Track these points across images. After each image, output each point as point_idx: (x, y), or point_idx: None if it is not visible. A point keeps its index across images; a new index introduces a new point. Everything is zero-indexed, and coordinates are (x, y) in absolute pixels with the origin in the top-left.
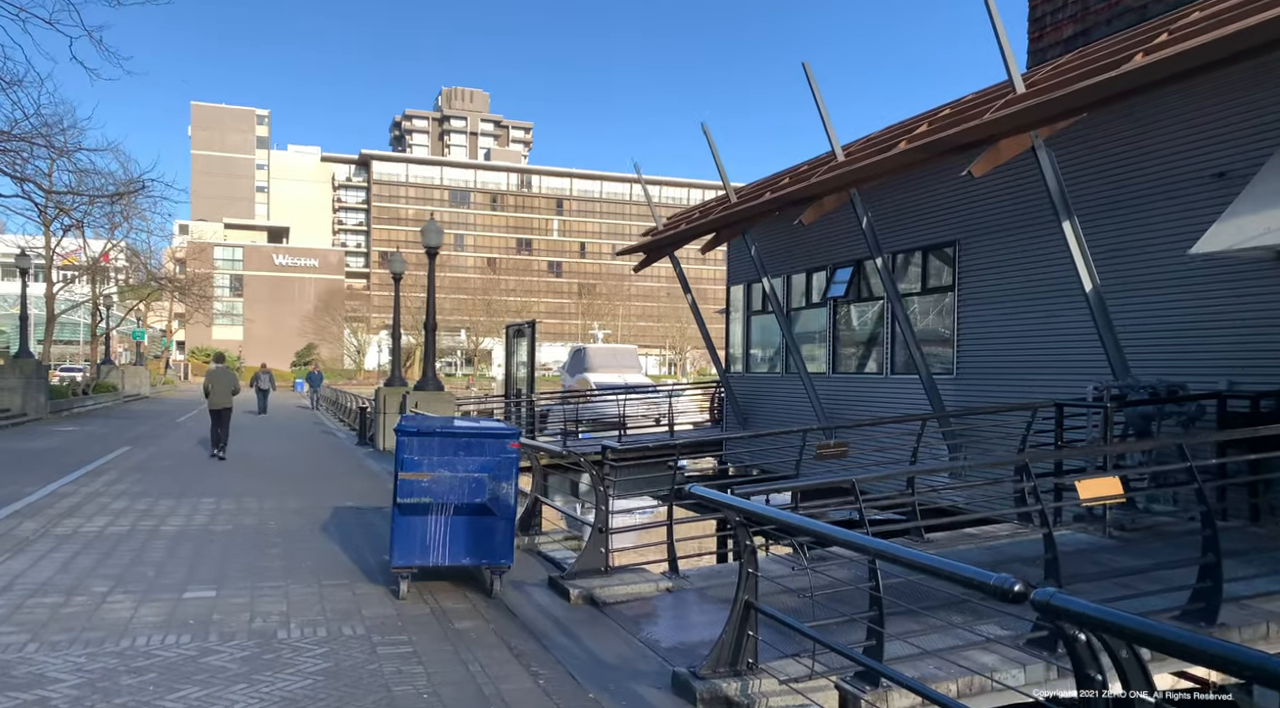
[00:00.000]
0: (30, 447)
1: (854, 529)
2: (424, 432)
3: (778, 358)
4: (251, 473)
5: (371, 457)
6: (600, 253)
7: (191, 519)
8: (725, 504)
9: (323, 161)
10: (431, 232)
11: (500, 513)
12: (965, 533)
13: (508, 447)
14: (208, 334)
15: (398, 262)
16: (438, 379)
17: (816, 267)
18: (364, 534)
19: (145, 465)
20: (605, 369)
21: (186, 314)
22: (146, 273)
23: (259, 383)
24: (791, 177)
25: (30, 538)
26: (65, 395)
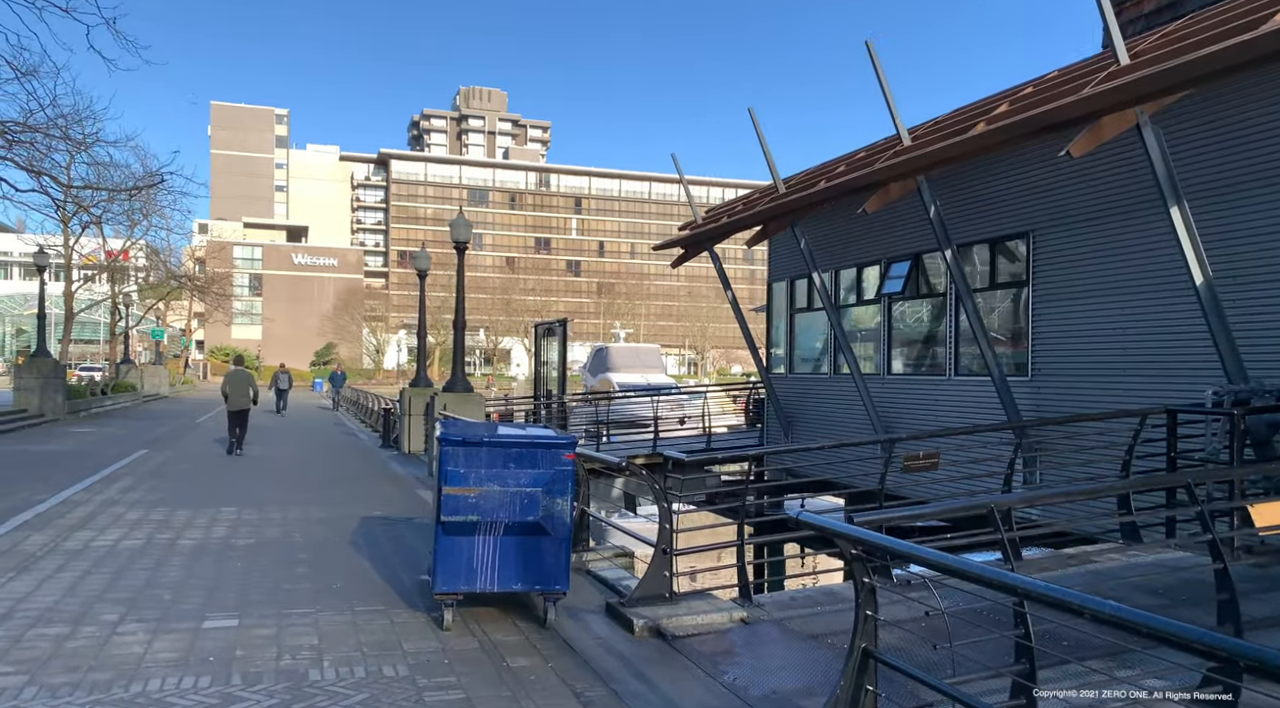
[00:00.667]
0: (45, 449)
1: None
2: (470, 441)
3: (824, 358)
4: (274, 478)
5: (396, 460)
6: (619, 252)
7: (211, 531)
8: (848, 536)
9: (341, 161)
10: (460, 226)
11: (555, 532)
12: (1062, 554)
13: (562, 458)
14: (227, 333)
15: (422, 258)
16: (466, 380)
17: (868, 261)
18: (395, 549)
19: (163, 470)
20: (628, 369)
21: (206, 313)
22: (166, 271)
23: (278, 383)
24: (848, 164)
25: (37, 554)
26: (83, 395)
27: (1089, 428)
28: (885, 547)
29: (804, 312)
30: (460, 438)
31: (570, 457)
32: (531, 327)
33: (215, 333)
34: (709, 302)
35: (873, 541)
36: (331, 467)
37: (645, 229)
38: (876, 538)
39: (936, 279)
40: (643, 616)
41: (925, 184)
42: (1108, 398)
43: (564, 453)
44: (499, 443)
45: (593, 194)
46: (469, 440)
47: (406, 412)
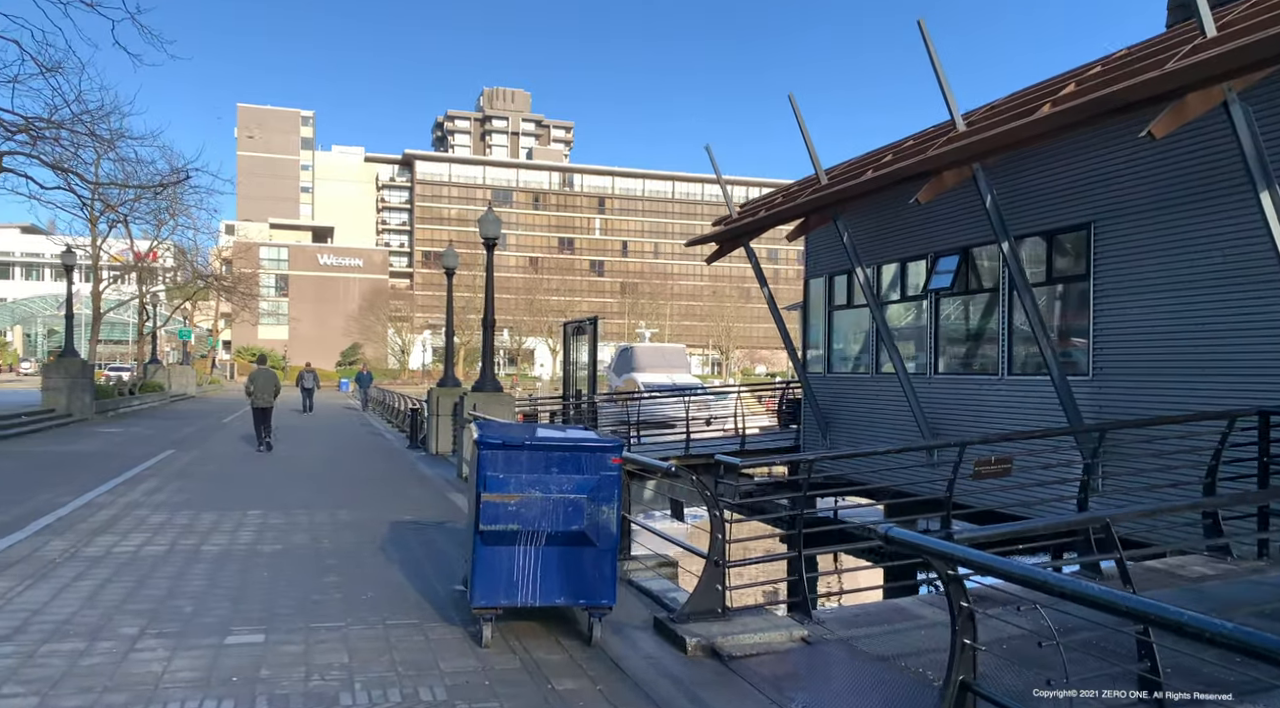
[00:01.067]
0: (72, 450)
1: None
2: (510, 444)
3: (864, 357)
4: (301, 480)
5: (425, 461)
6: (642, 251)
7: (236, 536)
8: (950, 555)
9: (366, 162)
10: (489, 222)
11: (600, 543)
12: (1145, 566)
13: (608, 462)
14: (254, 334)
15: (451, 256)
16: (496, 380)
17: (913, 256)
18: (427, 556)
19: (188, 471)
20: (653, 369)
21: (233, 313)
22: (193, 271)
23: (303, 382)
24: (895, 153)
25: (57, 560)
26: (111, 395)
27: (1163, 432)
28: (998, 569)
29: (843, 309)
30: (500, 441)
31: (616, 461)
32: (555, 327)
33: (242, 333)
34: (733, 301)
35: (982, 562)
36: (359, 468)
37: (669, 229)
38: (989, 560)
39: (987, 274)
40: (695, 633)
41: (981, 173)
42: (1183, 399)
43: (610, 457)
44: (541, 446)
45: (616, 193)
46: (509, 443)
47: (434, 412)
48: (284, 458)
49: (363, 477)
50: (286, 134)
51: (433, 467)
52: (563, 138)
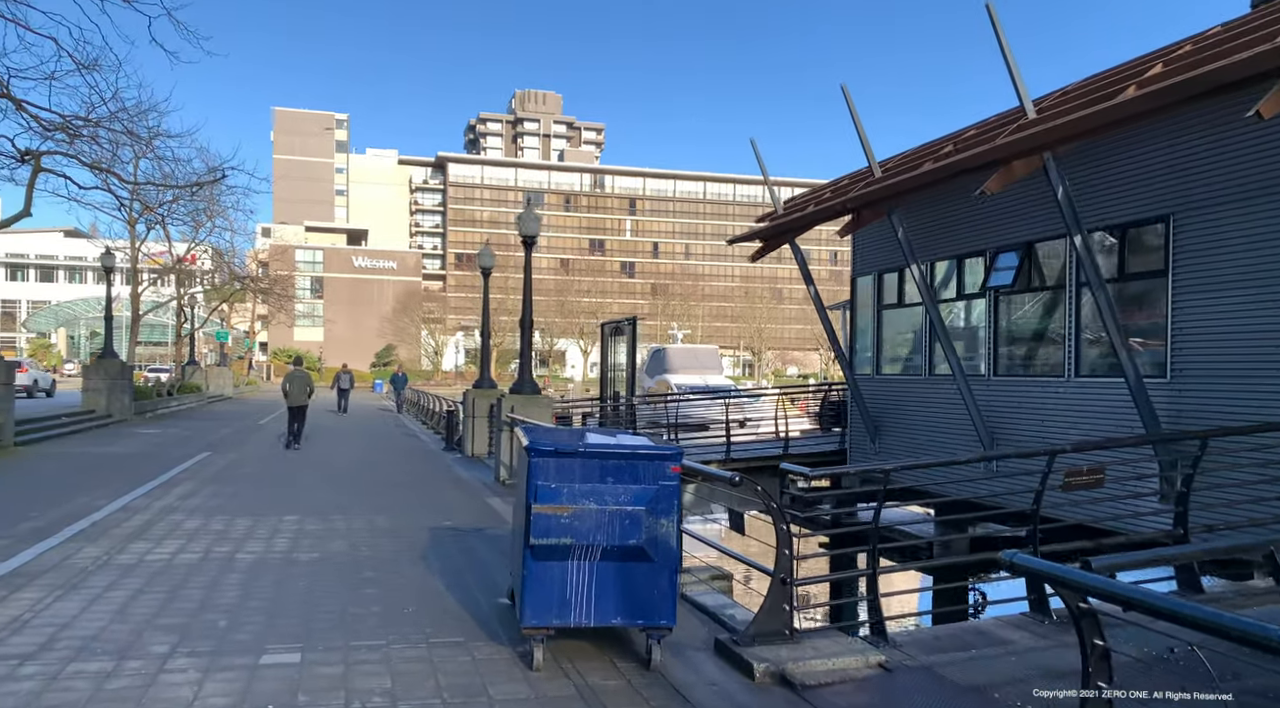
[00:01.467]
0: (110, 451)
1: None
2: (563, 451)
3: (917, 358)
4: (337, 483)
5: (460, 464)
6: (673, 252)
7: (272, 544)
8: (1085, 586)
9: (400, 165)
10: (528, 220)
11: (659, 558)
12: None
13: (667, 471)
14: (290, 335)
15: (486, 255)
16: (534, 382)
17: (969, 252)
18: (469, 565)
19: (224, 474)
20: (686, 370)
21: (269, 315)
22: (230, 273)
23: (339, 383)
24: (956, 143)
25: (89, 568)
26: (150, 396)
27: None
28: (1159, 608)
29: (893, 308)
30: (552, 448)
31: (676, 470)
32: (587, 328)
33: (278, 334)
34: (765, 302)
35: (1132, 597)
36: (395, 471)
37: (700, 229)
38: (1142, 596)
39: (1052, 270)
40: (763, 658)
41: (1052, 162)
42: (1269, 402)
43: (669, 466)
44: (596, 454)
45: (647, 195)
46: (562, 450)
47: (470, 414)
48: (320, 461)
49: (400, 480)
50: (321, 137)
51: (469, 469)
52: (594, 139)
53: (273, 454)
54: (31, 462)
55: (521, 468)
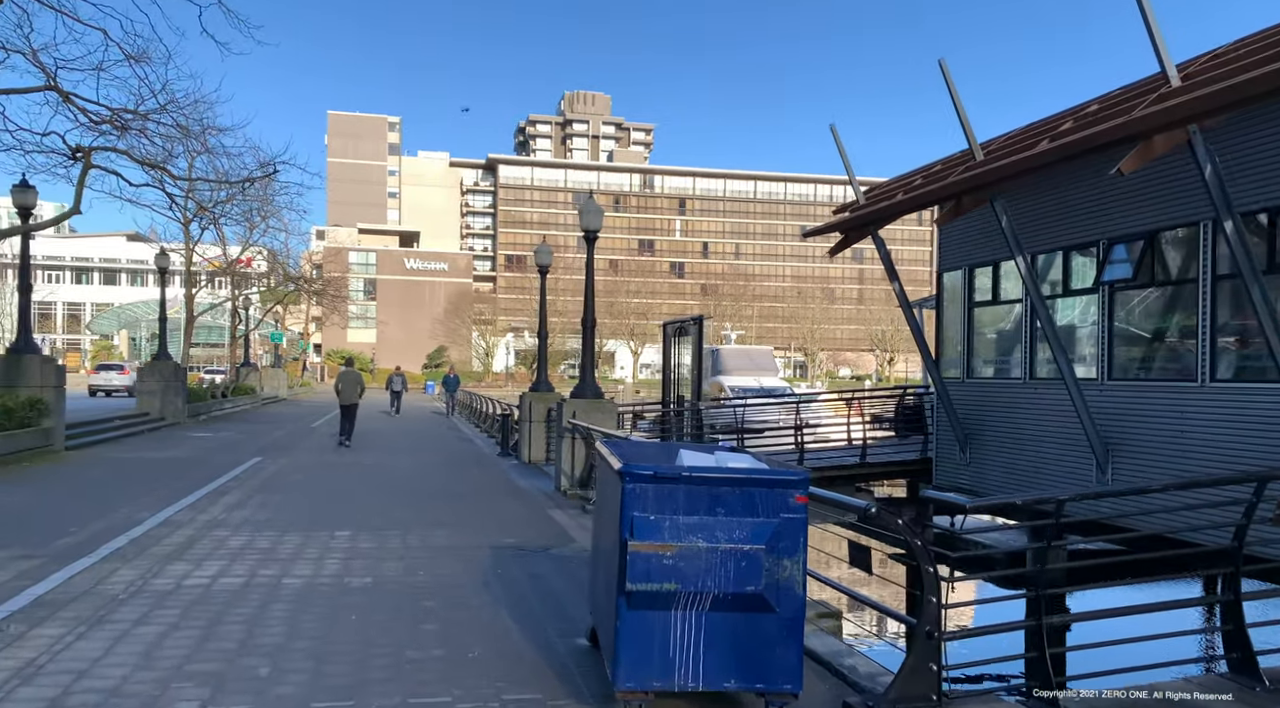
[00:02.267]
0: (160, 456)
1: None
2: (664, 476)
3: (1014, 360)
4: (391, 493)
5: (518, 471)
6: (723, 252)
7: (322, 566)
8: None
9: (451, 167)
10: (590, 212)
11: (782, 608)
12: None
13: (791, 500)
14: (343, 337)
15: (544, 252)
16: (597, 385)
17: (1079, 243)
18: (537, 594)
19: (274, 482)
20: (740, 372)
21: (323, 317)
22: (284, 274)
23: (392, 385)
24: (1076, 119)
25: (121, 596)
26: (204, 398)
27: None
28: None
29: (986, 305)
30: (651, 471)
31: (802, 500)
32: (637, 329)
33: (332, 336)
34: (817, 303)
35: None
36: (450, 479)
37: (750, 229)
38: None
39: (1181, 261)
40: None
41: (1199, 137)
42: None
43: (793, 494)
44: (704, 479)
45: (696, 194)
46: (663, 475)
47: (527, 418)
48: (373, 466)
49: (455, 489)
50: (375, 140)
51: (527, 477)
52: (642, 140)
53: (325, 460)
54: (80, 468)
55: (610, 493)
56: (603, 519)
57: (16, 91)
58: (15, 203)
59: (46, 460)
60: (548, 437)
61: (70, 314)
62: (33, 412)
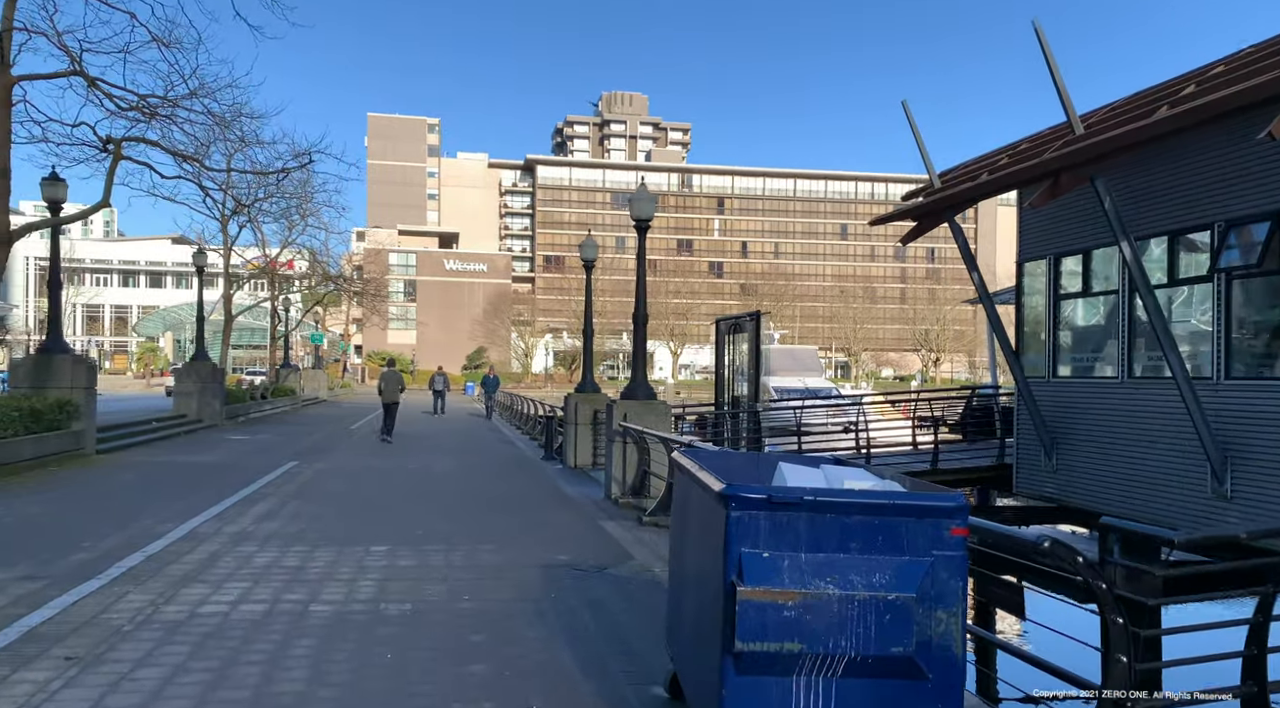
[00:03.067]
0: (193, 461)
1: None
2: (782, 501)
3: (1110, 357)
4: (432, 502)
5: (564, 477)
6: (762, 252)
7: (355, 588)
8: None
9: (490, 168)
10: (642, 201)
11: (936, 675)
12: None
13: (945, 534)
14: (383, 338)
15: (590, 247)
16: (649, 386)
17: (1189, 227)
18: (599, 625)
19: (309, 490)
20: (785, 372)
21: (364, 318)
22: (323, 274)
23: (434, 385)
24: (1199, 83)
25: (125, 628)
26: (242, 400)
27: None
28: None
29: (1076, 297)
30: (764, 495)
31: (959, 531)
32: (677, 329)
33: (372, 337)
34: (860, 302)
35: None
36: (494, 485)
37: (789, 227)
38: None
39: None
40: None
41: None
42: None
43: (947, 525)
44: (834, 505)
45: (735, 193)
46: (780, 500)
47: (573, 421)
48: (414, 471)
49: (500, 497)
50: (414, 142)
51: (574, 484)
52: (680, 140)
53: (363, 464)
54: (108, 473)
55: (702, 519)
56: (688, 549)
57: (41, 77)
58: (45, 197)
59: (75, 464)
60: (594, 440)
61: (117, 317)
62: (62, 414)
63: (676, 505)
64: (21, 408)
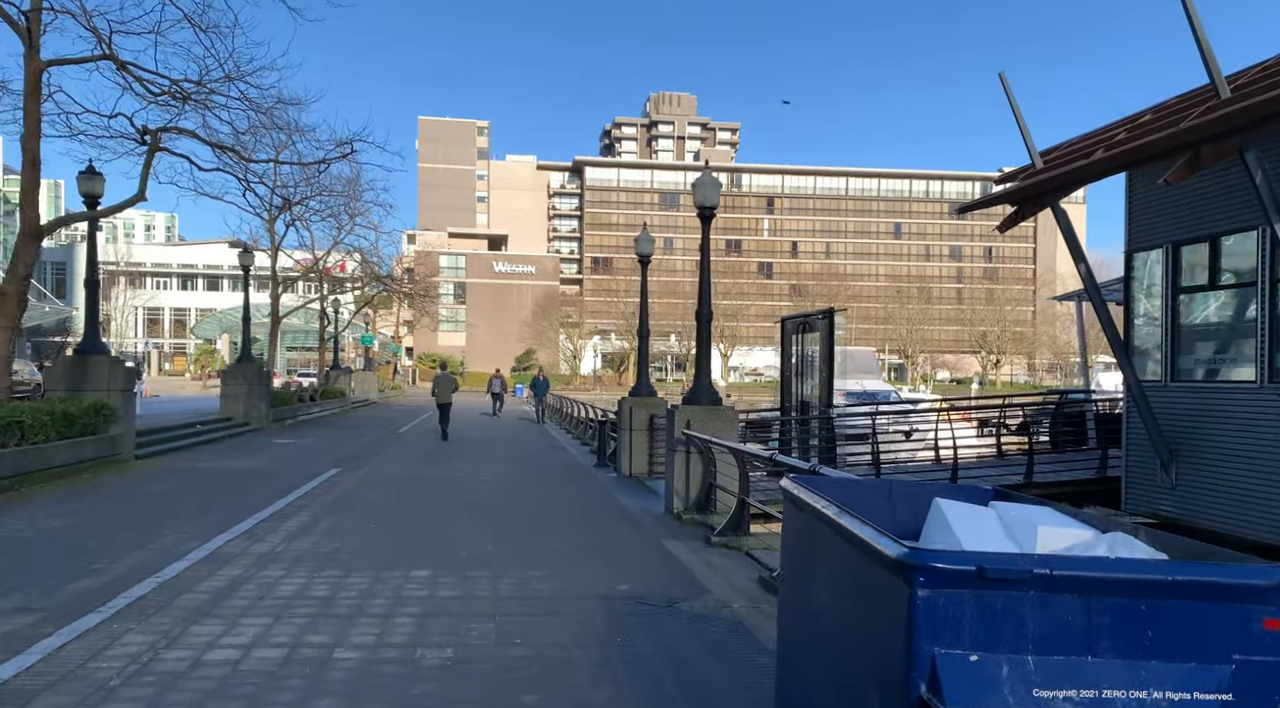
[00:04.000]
0: (232, 467)
1: None
2: (997, 576)
3: (1244, 357)
4: (479, 515)
5: (619, 487)
6: (813, 252)
7: (389, 628)
8: None
9: (538, 170)
10: (706, 186)
11: None
12: None
13: (1256, 626)
14: (433, 340)
15: (645, 240)
16: (714, 389)
17: None
18: (681, 688)
19: (349, 500)
20: (842, 374)
21: (414, 320)
22: (372, 274)
23: (492, 387)
24: None
25: (113, 682)
26: (290, 402)
27: None
28: None
29: (1198, 290)
30: (971, 567)
31: (1275, 624)
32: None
33: (422, 339)
34: (915, 303)
35: None
36: (546, 497)
37: (841, 227)
38: None
39: None
40: None
41: None
42: None
43: (1259, 614)
44: (1077, 583)
45: (785, 192)
46: (995, 573)
47: (627, 426)
48: (461, 480)
49: (552, 511)
50: (464, 145)
51: (631, 495)
52: (728, 140)
53: (409, 472)
54: (142, 481)
55: (857, 589)
56: (820, 621)
57: (70, 61)
58: (82, 191)
59: (110, 471)
60: (650, 447)
61: (176, 319)
62: (98, 418)
63: (793, 552)
64: (54, 412)
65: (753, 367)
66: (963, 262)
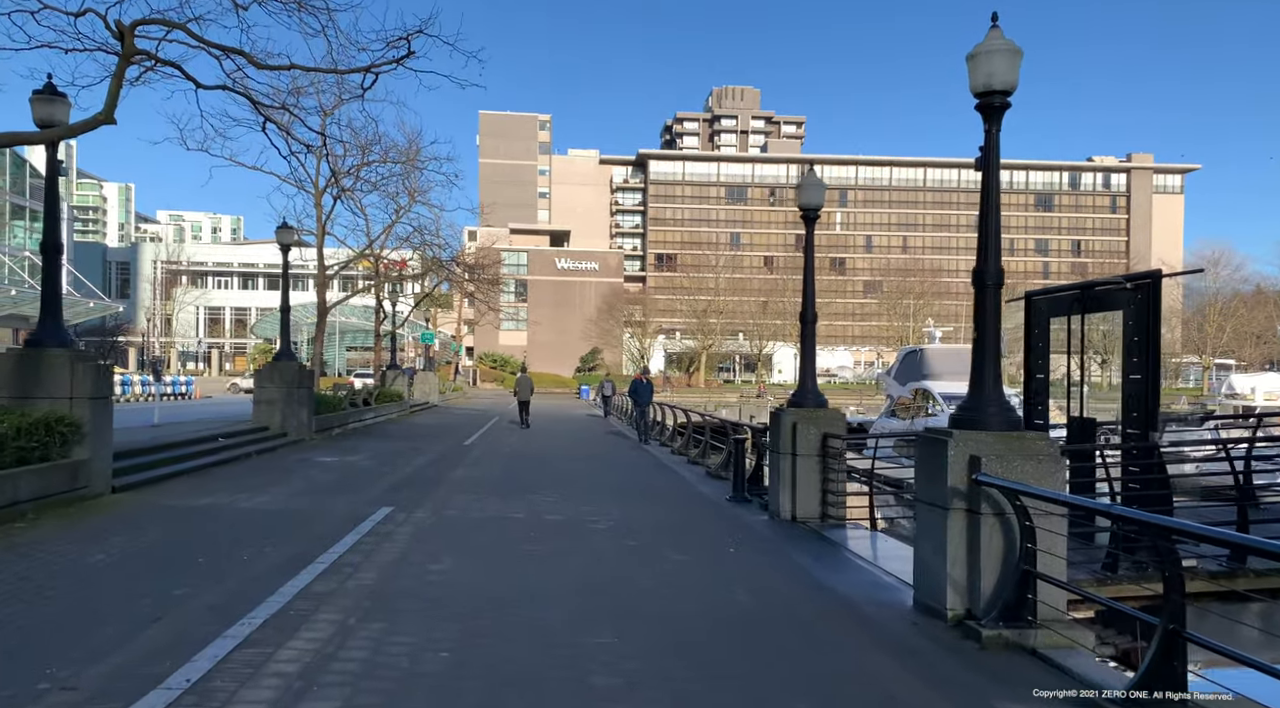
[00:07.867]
0: (244, 506)
1: None
2: None
3: None
4: (582, 595)
5: (791, 543)
6: (888, 246)
7: None
8: None
9: (600, 164)
10: (811, 187)
11: None
12: None
13: None
14: (495, 338)
15: (813, 188)
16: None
17: None
18: None
19: (397, 580)
20: (951, 377)
21: (475, 318)
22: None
23: (603, 390)
24: None
25: None
26: (337, 408)
27: None
28: None
29: None
30: None
31: None
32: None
33: (484, 338)
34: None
35: None
36: (676, 561)
37: (919, 220)
38: None
39: None
40: None
41: None
42: None
43: None
44: None
45: (858, 184)
46: None
47: (789, 449)
48: (558, 527)
49: (708, 607)
50: (526, 140)
51: (824, 564)
52: (793, 134)
53: (484, 512)
54: (95, 536)
55: None
56: None
57: None
58: (38, 117)
59: (59, 517)
60: (823, 478)
61: (237, 319)
62: (49, 438)
63: None
64: None
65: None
66: (1049, 256)
